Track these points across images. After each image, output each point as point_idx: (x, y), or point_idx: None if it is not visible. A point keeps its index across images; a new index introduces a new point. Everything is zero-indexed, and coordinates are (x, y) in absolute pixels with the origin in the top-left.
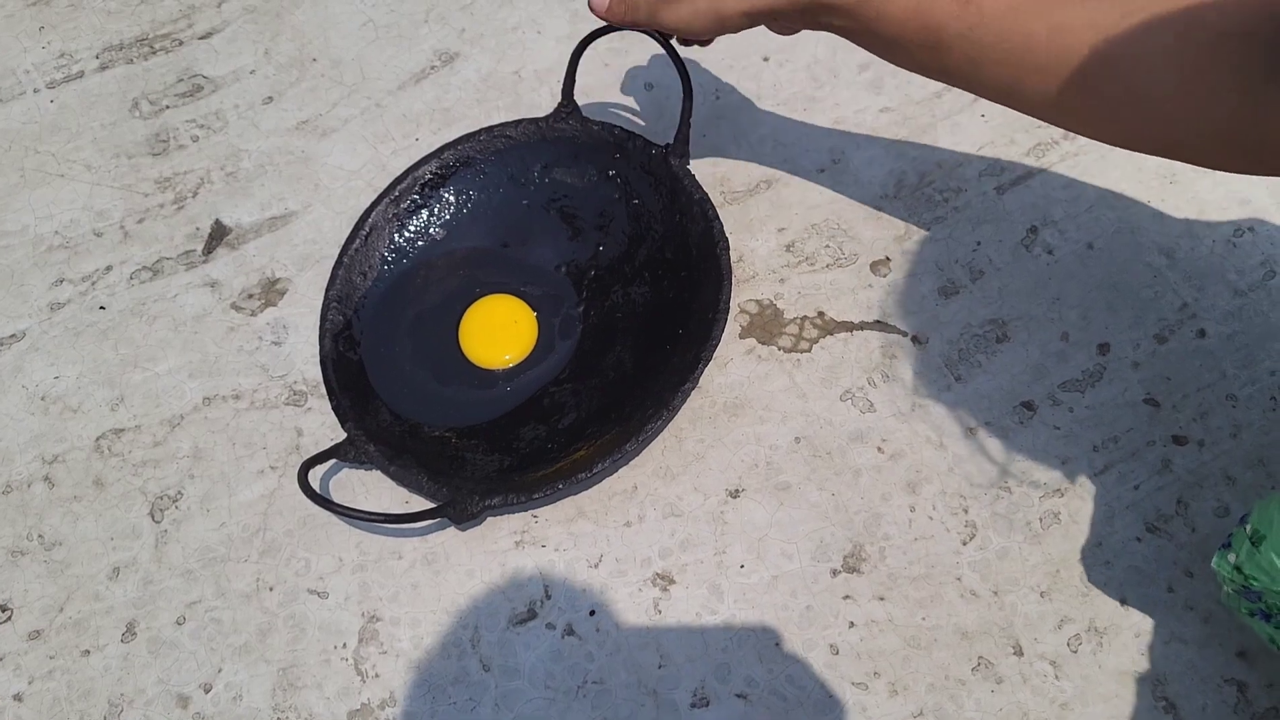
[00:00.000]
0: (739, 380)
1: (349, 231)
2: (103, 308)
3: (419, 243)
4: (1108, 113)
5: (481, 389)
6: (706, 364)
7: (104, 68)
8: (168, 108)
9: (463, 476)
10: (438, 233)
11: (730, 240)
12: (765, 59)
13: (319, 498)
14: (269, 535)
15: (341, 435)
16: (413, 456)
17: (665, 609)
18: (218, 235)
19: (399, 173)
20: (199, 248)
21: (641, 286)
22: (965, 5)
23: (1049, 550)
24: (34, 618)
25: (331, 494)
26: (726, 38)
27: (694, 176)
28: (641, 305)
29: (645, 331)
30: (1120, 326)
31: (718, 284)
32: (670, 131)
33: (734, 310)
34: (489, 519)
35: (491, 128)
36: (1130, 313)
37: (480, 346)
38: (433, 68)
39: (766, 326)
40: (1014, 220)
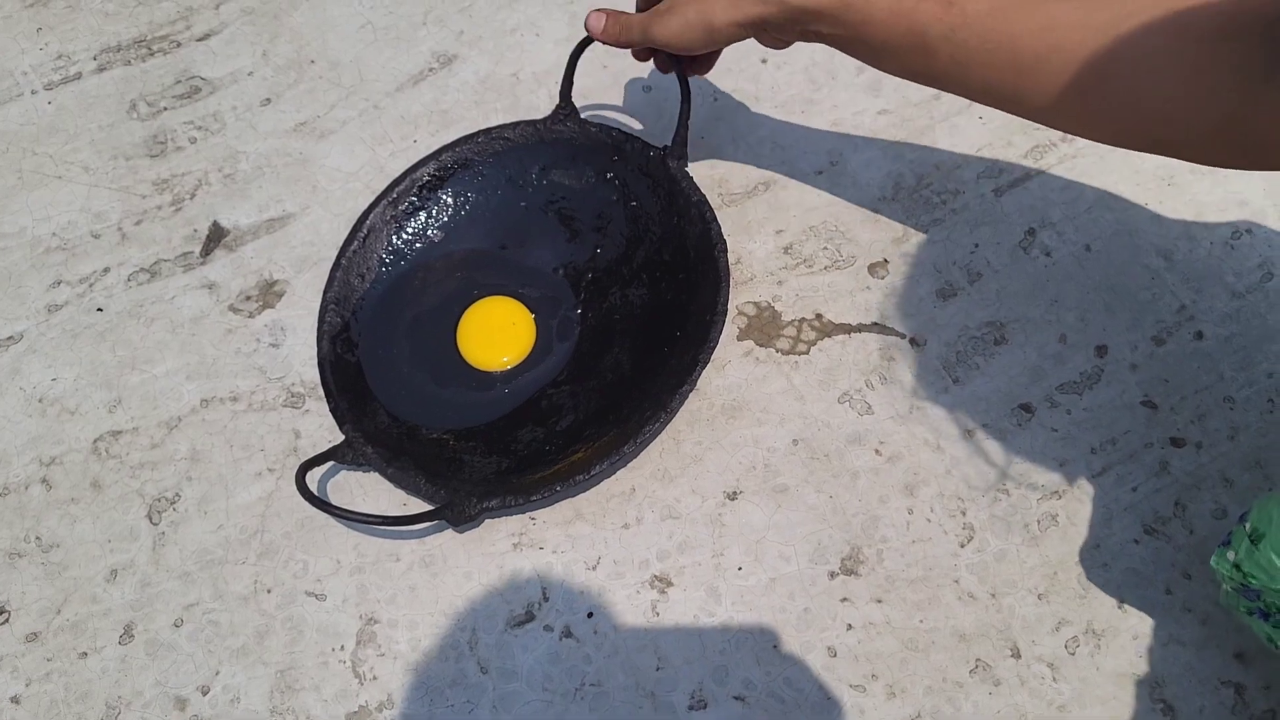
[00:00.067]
0: (737, 382)
1: (347, 233)
2: (100, 310)
3: (417, 244)
4: (1098, 112)
5: (479, 391)
6: (704, 366)
7: (102, 69)
8: (165, 109)
9: (460, 479)
10: (436, 235)
11: (728, 242)
12: (763, 61)
13: (317, 500)
14: (267, 537)
15: (339, 437)
16: (410, 459)
17: (663, 611)
18: (215, 237)
19: (397, 174)
20: (197, 249)
21: (639, 288)
22: (948, 8)
23: (1047, 552)
24: (31, 620)
25: (329, 496)
26: None
27: (692, 178)
28: (639, 307)
29: (643, 333)
30: (1118, 328)
31: (715, 286)
32: (668, 133)
33: (732, 312)
34: (487, 521)
35: (489, 130)
36: (1128, 315)
37: (478, 348)
38: (431, 70)
39: (764, 329)
40: (1012, 222)
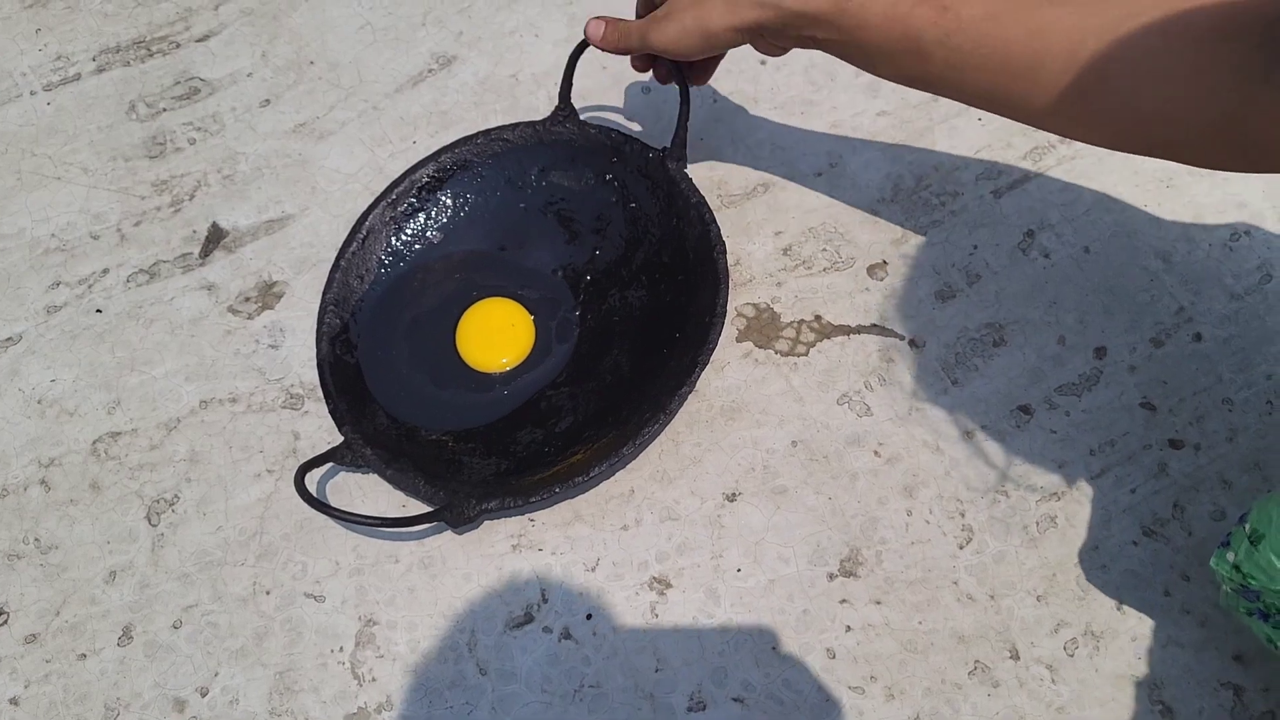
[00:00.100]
0: (736, 384)
1: (346, 235)
2: (99, 311)
3: (416, 246)
4: (1095, 115)
5: (478, 392)
6: (703, 368)
7: (101, 70)
8: (165, 110)
9: (459, 480)
10: (435, 236)
11: (727, 244)
12: (762, 62)
13: (316, 501)
14: (266, 539)
15: (338, 439)
16: (409, 460)
17: (662, 613)
18: (215, 238)
19: (396, 176)
20: (196, 251)
21: (639, 290)
22: (943, 12)
23: (1045, 554)
24: (30, 621)
25: (328, 497)
26: None
27: (691, 180)
28: (639, 309)
29: (642, 335)
30: (1117, 330)
31: (715, 287)
32: (667, 135)
33: (731, 314)
34: (486, 523)
35: (489, 131)
36: (1127, 316)
37: (477, 350)
38: (430, 71)
39: (763, 330)
40: (1011, 224)
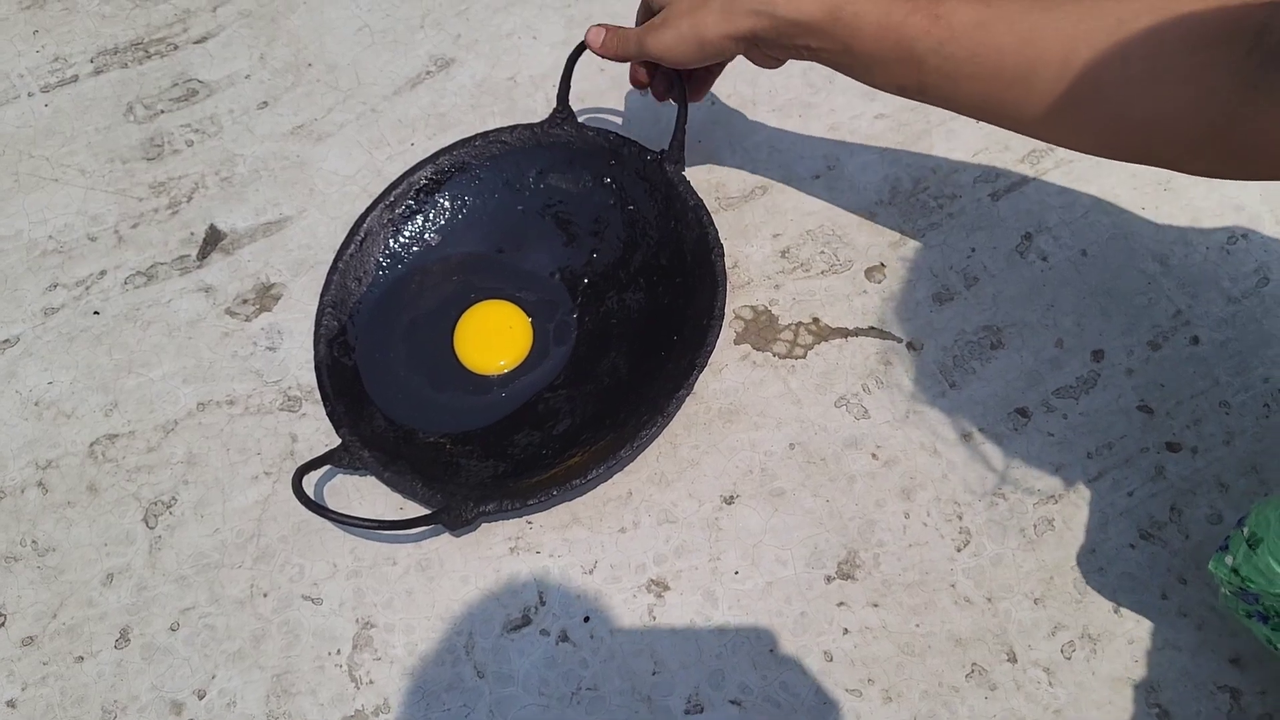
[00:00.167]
0: (734, 386)
1: (344, 237)
2: (97, 313)
3: (414, 248)
4: (1087, 123)
5: (476, 395)
6: (701, 370)
7: (98, 72)
8: (162, 112)
9: (457, 483)
10: (433, 238)
11: (725, 246)
12: None
13: (313, 504)
14: (263, 541)
15: (336, 441)
16: (407, 462)
17: (660, 615)
18: (212, 240)
19: (394, 178)
20: (193, 253)
21: (636, 292)
22: (935, 21)
23: (1043, 557)
24: (27, 624)
25: (326, 500)
26: None
27: (689, 182)
28: (636, 311)
29: (640, 337)
30: (1114, 333)
31: (712, 290)
32: (665, 137)
33: (729, 316)
34: (483, 525)
35: (487, 133)
36: (1124, 319)
37: (475, 352)
38: (428, 73)
39: (761, 332)
40: (1008, 227)
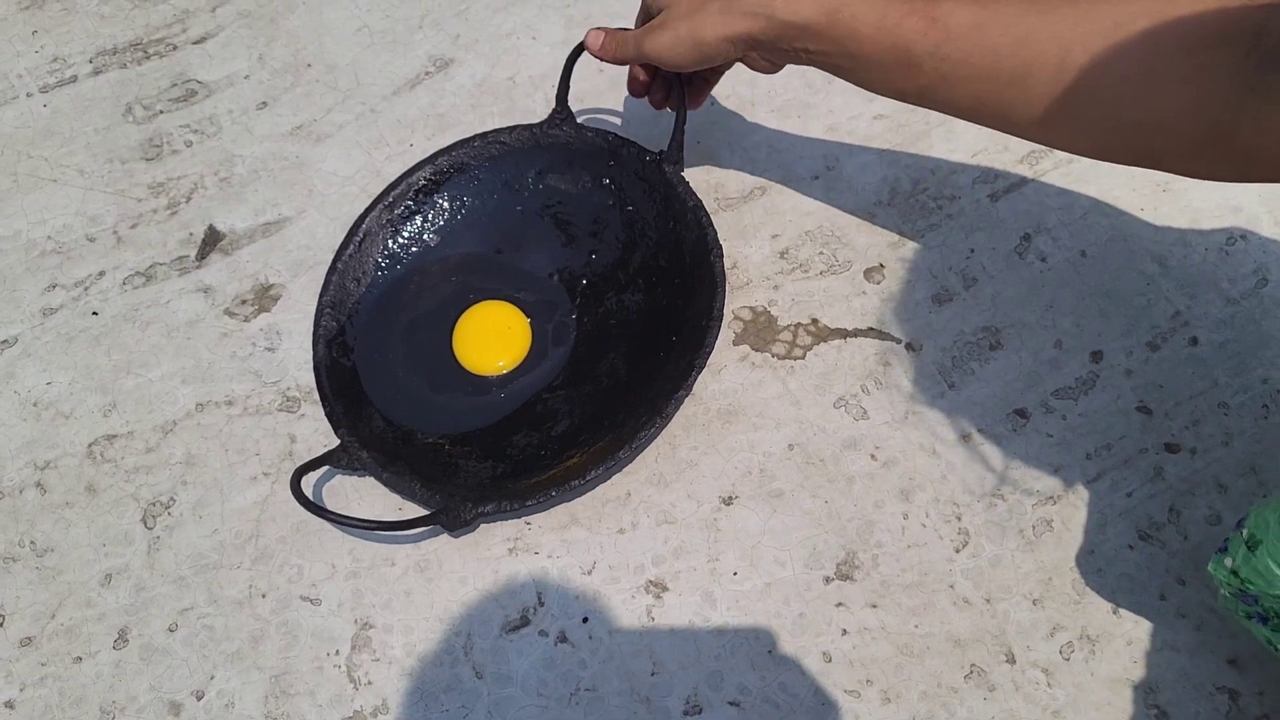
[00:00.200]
0: (732, 387)
1: (343, 237)
2: (95, 313)
3: (413, 249)
4: (1084, 125)
5: (475, 396)
6: (700, 371)
7: (97, 72)
8: (161, 113)
9: (456, 483)
10: (432, 239)
11: (724, 247)
12: None
13: (312, 505)
14: (262, 542)
15: (335, 442)
16: (406, 463)
17: (658, 616)
18: (211, 241)
19: (393, 178)
20: (192, 253)
21: (635, 293)
22: (932, 23)
23: (1042, 558)
24: (25, 624)
25: (324, 501)
26: None
27: (688, 183)
28: (635, 312)
29: (639, 338)
30: (1113, 334)
31: (711, 291)
32: (664, 138)
33: (728, 317)
34: (482, 526)
35: (486, 134)
36: (1123, 320)
37: (474, 353)
38: (427, 73)
39: (760, 333)
40: (1007, 228)
